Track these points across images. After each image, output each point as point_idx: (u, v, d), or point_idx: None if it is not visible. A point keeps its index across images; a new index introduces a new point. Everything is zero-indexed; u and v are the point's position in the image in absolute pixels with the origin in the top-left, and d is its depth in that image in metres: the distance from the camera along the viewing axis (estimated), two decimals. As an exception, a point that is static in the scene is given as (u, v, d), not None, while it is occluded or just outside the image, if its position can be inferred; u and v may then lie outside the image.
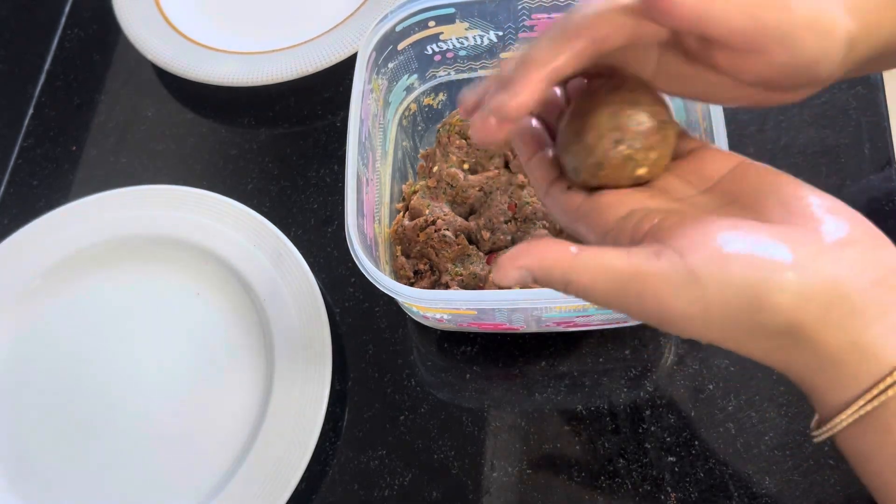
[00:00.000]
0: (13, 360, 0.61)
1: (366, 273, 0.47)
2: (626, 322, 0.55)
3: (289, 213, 0.65)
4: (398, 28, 0.55)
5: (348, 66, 0.55)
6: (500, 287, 0.50)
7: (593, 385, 0.55)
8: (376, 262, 0.52)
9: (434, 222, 0.56)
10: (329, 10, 0.72)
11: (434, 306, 0.50)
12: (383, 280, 0.47)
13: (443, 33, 0.57)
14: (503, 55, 0.59)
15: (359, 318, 0.60)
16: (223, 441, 0.56)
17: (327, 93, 0.71)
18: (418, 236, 0.56)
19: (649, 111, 0.33)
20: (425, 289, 0.55)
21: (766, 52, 0.31)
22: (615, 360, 0.56)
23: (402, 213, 0.58)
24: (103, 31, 0.77)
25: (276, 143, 0.69)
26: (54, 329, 0.62)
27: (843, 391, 0.30)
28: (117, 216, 0.64)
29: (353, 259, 0.47)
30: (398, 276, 0.56)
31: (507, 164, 0.59)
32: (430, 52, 0.58)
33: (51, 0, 0.80)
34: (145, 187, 0.65)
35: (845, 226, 0.30)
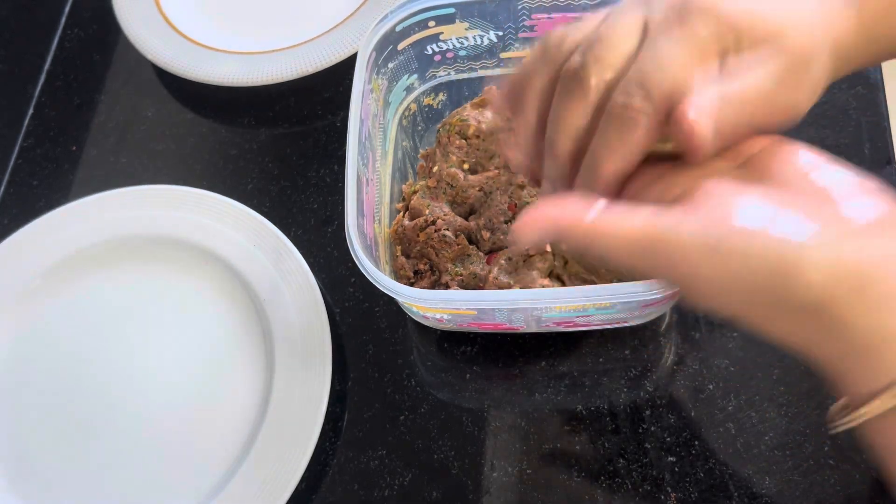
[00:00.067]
0: (13, 360, 0.61)
1: (366, 273, 0.47)
2: (626, 322, 0.55)
3: (289, 213, 0.65)
4: (398, 28, 0.55)
5: (348, 66, 0.55)
6: (518, 244, 0.48)
7: (593, 385, 0.55)
8: (376, 262, 0.52)
9: (434, 222, 0.56)
10: (329, 10, 0.72)
11: (434, 306, 0.50)
12: (383, 280, 0.47)
13: (443, 33, 0.57)
14: (503, 55, 0.59)
15: (359, 318, 0.60)
16: (223, 441, 0.56)
17: (327, 93, 0.71)
18: (418, 236, 0.56)
19: None
20: (425, 289, 0.55)
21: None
22: (615, 360, 0.56)
23: (402, 213, 0.58)
24: (103, 31, 0.77)
25: (276, 143, 0.69)
26: (54, 329, 0.62)
27: (872, 380, 0.29)
28: (117, 216, 0.64)
29: (353, 259, 0.47)
30: (398, 276, 0.56)
31: (507, 164, 0.59)
32: (430, 52, 0.58)
33: (51, 0, 0.80)
34: (145, 187, 0.65)
35: (881, 207, 0.29)
